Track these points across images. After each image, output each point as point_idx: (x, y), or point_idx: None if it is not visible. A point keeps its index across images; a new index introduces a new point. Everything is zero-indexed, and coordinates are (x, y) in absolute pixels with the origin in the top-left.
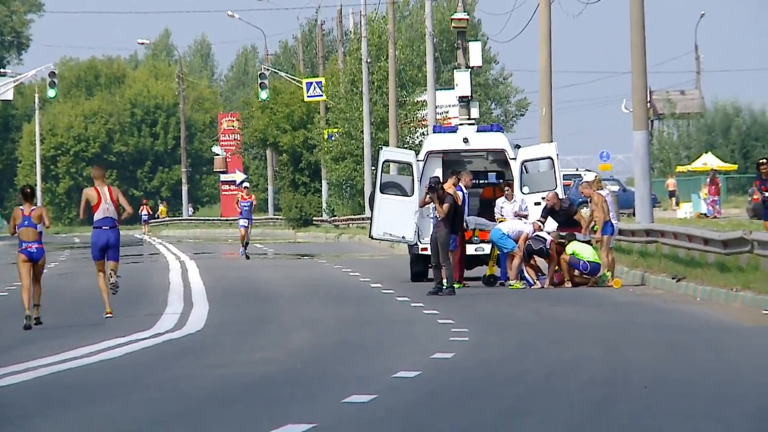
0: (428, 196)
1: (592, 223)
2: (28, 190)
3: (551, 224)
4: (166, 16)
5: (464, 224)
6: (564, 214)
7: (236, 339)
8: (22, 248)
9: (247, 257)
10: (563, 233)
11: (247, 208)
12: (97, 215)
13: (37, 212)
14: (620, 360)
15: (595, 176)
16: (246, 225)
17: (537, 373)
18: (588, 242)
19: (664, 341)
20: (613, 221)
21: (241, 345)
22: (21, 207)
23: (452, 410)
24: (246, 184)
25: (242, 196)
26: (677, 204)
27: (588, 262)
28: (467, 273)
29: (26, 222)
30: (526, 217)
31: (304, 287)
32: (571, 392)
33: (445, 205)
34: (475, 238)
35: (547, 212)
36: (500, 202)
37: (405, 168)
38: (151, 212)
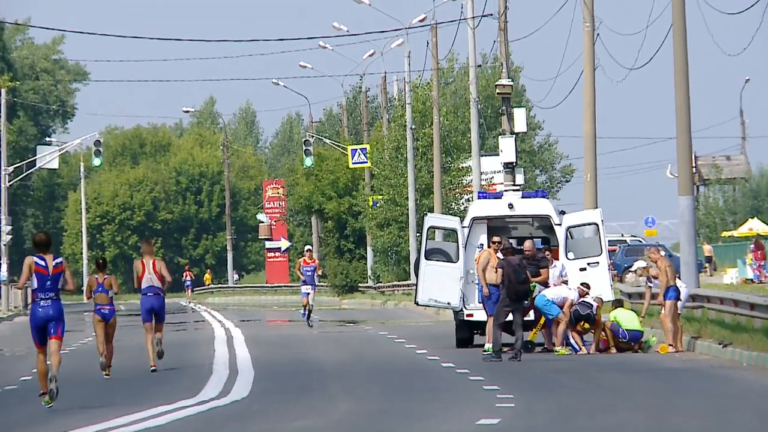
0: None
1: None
2: (101, 261)
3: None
4: (210, 84)
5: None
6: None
7: (281, 407)
8: (96, 309)
9: (310, 325)
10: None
11: (310, 273)
12: (144, 284)
13: (109, 280)
14: (665, 427)
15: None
16: (309, 292)
17: None
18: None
19: (710, 408)
20: (682, 286)
21: (286, 413)
22: (95, 276)
23: None
24: (309, 247)
25: (305, 260)
26: (714, 269)
27: (627, 330)
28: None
29: (100, 288)
30: (565, 283)
31: (349, 354)
32: None
33: (499, 271)
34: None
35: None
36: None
37: (450, 234)
38: (194, 277)
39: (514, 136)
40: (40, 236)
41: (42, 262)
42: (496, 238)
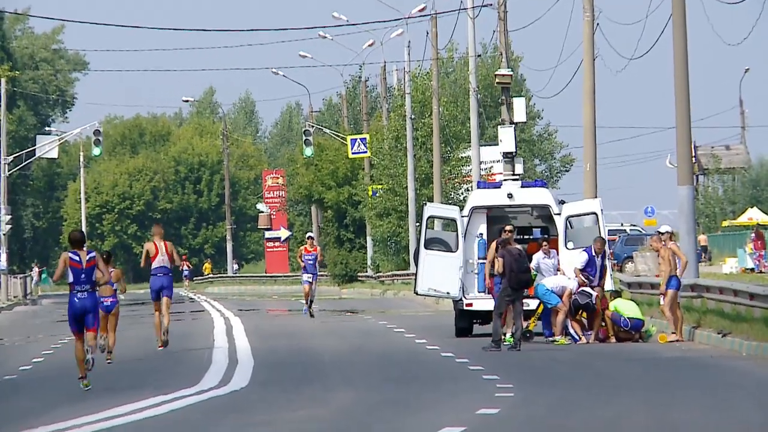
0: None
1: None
2: (106, 256)
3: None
4: (210, 74)
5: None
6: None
7: (280, 396)
8: (100, 303)
9: (311, 315)
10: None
11: (311, 261)
12: (155, 264)
13: (116, 274)
14: (665, 417)
15: (669, 230)
16: (310, 281)
17: (581, 429)
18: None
19: (710, 398)
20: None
21: (286, 402)
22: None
23: None
24: (310, 234)
25: (305, 248)
26: (709, 259)
27: (629, 318)
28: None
29: None
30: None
31: (348, 344)
32: None
33: (499, 260)
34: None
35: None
36: (538, 257)
37: (449, 224)
38: (191, 267)
39: (514, 125)
40: (75, 234)
41: (76, 257)
42: (508, 227)
